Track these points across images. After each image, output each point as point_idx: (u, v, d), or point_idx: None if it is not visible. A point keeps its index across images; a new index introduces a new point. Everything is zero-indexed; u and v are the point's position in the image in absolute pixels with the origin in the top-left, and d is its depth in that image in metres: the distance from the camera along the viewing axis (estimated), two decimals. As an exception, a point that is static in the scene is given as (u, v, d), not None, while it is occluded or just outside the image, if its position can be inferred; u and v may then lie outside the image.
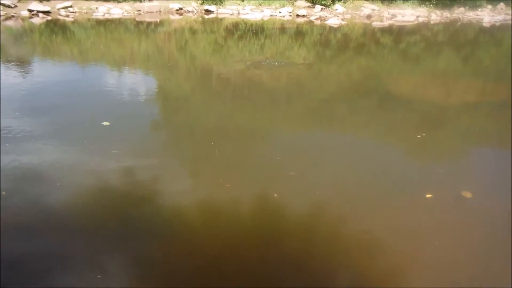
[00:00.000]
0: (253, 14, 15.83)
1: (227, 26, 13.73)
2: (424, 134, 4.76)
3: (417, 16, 17.16)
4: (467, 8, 18.69)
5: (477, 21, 17.54)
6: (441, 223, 3.09)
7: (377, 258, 2.72)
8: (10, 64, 7.57)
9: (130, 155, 3.97)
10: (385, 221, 3.09)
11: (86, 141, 4.23)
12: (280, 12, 16.38)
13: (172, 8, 15.35)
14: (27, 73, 7.02)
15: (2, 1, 12.72)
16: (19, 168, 3.68)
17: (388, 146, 4.63)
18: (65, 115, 5.03)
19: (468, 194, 3.43)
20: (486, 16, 18.09)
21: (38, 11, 12.95)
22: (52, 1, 13.95)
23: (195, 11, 15.73)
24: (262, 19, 15.33)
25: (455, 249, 2.82)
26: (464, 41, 13.65)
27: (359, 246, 2.82)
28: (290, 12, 16.50)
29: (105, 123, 4.67)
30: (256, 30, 13.03)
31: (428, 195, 3.38)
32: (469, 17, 18.06)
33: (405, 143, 4.69)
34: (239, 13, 15.95)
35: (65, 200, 3.24)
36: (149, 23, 13.41)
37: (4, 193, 3.25)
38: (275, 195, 3.36)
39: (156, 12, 15.00)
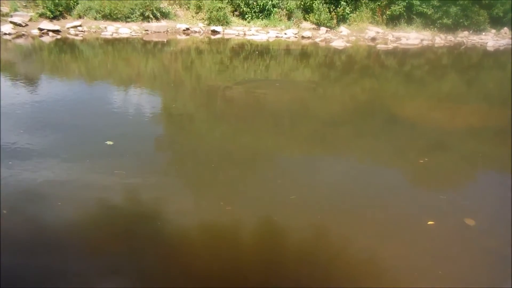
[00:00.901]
0: (259, 35, 16.04)
1: (232, 47, 13.92)
2: (426, 159, 4.76)
3: (422, 39, 17.31)
4: (471, 32, 18.86)
5: (481, 45, 17.66)
6: (444, 251, 3.07)
7: (378, 286, 2.70)
8: (18, 81, 7.69)
9: (132, 176, 4.00)
10: (387, 248, 3.08)
11: (88, 160, 4.26)
12: (285, 34, 16.59)
13: (179, 28, 15.59)
14: (34, 90, 7.13)
15: (13, 20, 12.98)
16: (21, 186, 3.71)
17: (390, 170, 4.64)
18: (69, 133, 5.08)
19: (471, 222, 3.41)
20: (490, 40, 18.22)
21: (48, 30, 13.19)
22: (62, 20, 14.23)
23: (201, 31, 15.97)
24: (267, 40, 15.53)
25: (459, 278, 2.80)
26: (468, 64, 13.73)
27: (359, 273, 2.80)
28: (296, 34, 16.71)
29: (108, 142, 4.72)
30: (261, 51, 13.20)
31: (430, 222, 3.37)
32: (473, 41, 18.19)
33: (407, 168, 4.69)
34: (245, 34, 16.17)
35: (65, 219, 3.26)
36: (156, 43, 13.62)
37: (5, 211, 3.27)
38: (275, 218, 3.36)
39: (164, 32, 15.24)
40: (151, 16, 15.36)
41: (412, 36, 17.36)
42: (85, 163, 4.21)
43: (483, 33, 19.07)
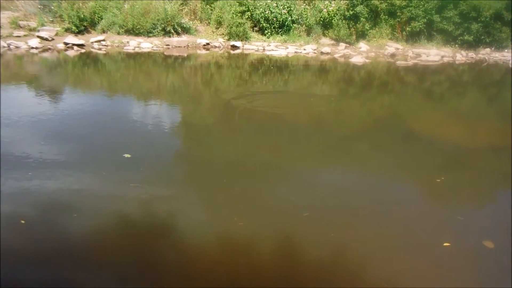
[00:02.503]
0: (278, 51, 16.18)
1: (252, 62, 14.06)
2: (443, 178, 4.69)
3: (442, 56, 17.17)
4: (493, 49, 18.62)
5: (503, 62, 17.41)
6: (460, 274, 3.00)
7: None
8: (42, 94, 7.93)
9: (148, 189, 4.05)
10: (402, 269, 3.03)
11: (104, 173, 4.34)
12: (304, 49, 16.68)
13: (199, 43, 15.85)
14: (57, 102, 7.33)
15: (40, 34, 13.43)
16: (38, 197, 3.79)
17: (407, 188, 4.58)
18: (88, 145, 5.19)
19: (490, 244, 3.32)
20: (513, 57, 17.94)
21: (73, 44, 13.58)
22: (87, 35, 14.65)
23: (221, 46, 16.19)
24: (286, 56, 15.64)
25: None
26: (490, 82, 13.53)
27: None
28: (315, 49, 16.79)
29: (126, 155, 4.80)
30: (280, 66, 13.30)
31: (446, 244, 3.30)
32: (495, 58, 17.95)
33: (424, 187, 4.62)
34: (264, 49, 16.33)
35: (79, 230, 3.33)
36: (176, 57, 13.87)
37: (23, 221, 3.36)
38: (287, 236, 3.36)
39: (184, 46, 15.51)
40: (172, 31, 15.67)
41: (432, 53, 17.24)
42: (102, 176, 4.29)
43: (505, 50, 18.79)
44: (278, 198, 4.09)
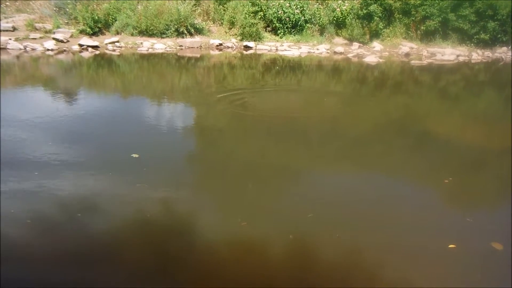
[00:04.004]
0: (291, 51, 16.13)
1: (265, 62, 14.03)
2: (454, 178, 4.61)
3: (457, 55, 16.93)
4: (509, 47, 18.28)
5: (520, 61, 17.10)
6: (465, 275, 2.94)
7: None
8: (56, 95, 8.02)
9: (154, 189, 4.05)
10: (406, 271, 2.98)
11: (111, 173, 4.34)
12: (317, 49, 16.61)
13: (212, 44, 15.88)
14: (69, 103, 7.41)
15: (55, 36, 13.60)
16: (44, 196, 3.81)
17: (417, 189, 4.51)
18: (97, 145, 5.22)
19: (499, 246, 3.25)
20: (531, 56, 17.61)
21: (88, 46, 13.73)
22: (101, 36, 14.79)
23: (234, 47, 16.20)
24: (299, 56, 15.59)
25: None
26: (507, 81, 13.29)
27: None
28: (328, 49, 16.70)
29: (134, 155, 4.81)
30: (293, 66, 13.26)
31: (451, 246, 3.23)
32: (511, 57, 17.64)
33: (435, 187, 4.53)
34: (277, 49, 16.29)
35: (82, 230, 3.34)
36: (190, 58, 13.92)
37: (29, 221, 3.38)
38: (291, 236, 3.32)
39: (197, 47, 15.56)
40: (185, 32, 15.73)
41: (447, 52, 17.01)
42: (108, 175, 4.30)
43: (523, 49, 18.46)
44: (284, 200, 4.07)
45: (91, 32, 14.61)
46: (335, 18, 17.48)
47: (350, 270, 3.02)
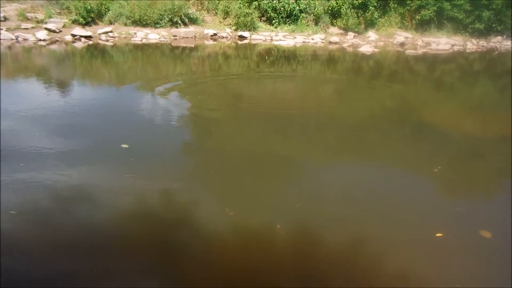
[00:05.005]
0: (286, 41, 16.05)
1: (259, 52, 13.96)
2: (444, 167, 4.61)
3: (452, 45, 16.94)
4: (504, 37, 18.31)
5: (515, 50, 17.13)
6: (453, 262, 2.96)
7: None
8: (49, 86, 7.94)
9: (141, 180, 4.01)
10: (397, 257, 3.00)
11: (98, 164, 4.29)
12: (312, 39, 16.54)
13: (206, 34, 15.78)
14: (61, 94, 7.32)
15: (48, 26, 13.44)
16: (28, 188, 3.77)
17: (407, 178, 4.49)
18: (87, 136, 5.13)
19: (487, 234, 3.26)
20: (525, 45, 17.65)
21: (81, 36, 13.58)
22: (94, 26, 14.63)
23: (229, 36, 16.11)
24: (294, 46, 15.52)
25: None
26: (501, 71, 13.32)
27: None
28: (323, 39, 16.65)
29: (124, 145, 4.77)
30: (288, 56, 13.21)
31: (438, 234, 3.24)
32: (506, 46, 17.66)
33: (426, 176, 4.51)
34: (272, 39, 16.21)
35: (68, 221, 3.32)
36: (184, 48, 13.82)
37: (13, 212, 3.35)
38: (278, 226, 3.31)
39: (191, 37, 15.45)
40: (179, 21, 15.61)
41: (442, 41, 17.01)
42: (95, 166, 4.25)
43: (517, 38, 18.49)
44: (273, 187, 4.05)
45: (84, 22, 14.46)
46: (330, 8, 17.41)
47: (333, 259, 3.01)
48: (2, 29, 12.78)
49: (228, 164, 4.60)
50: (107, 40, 13.92)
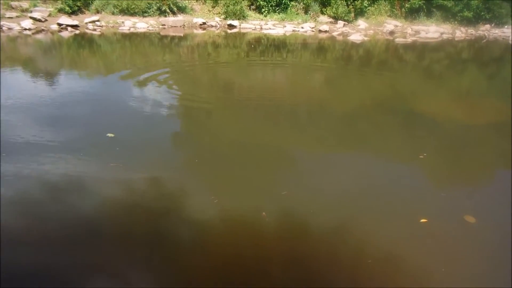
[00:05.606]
0: (276, 29, 15.96)
1: (249, 41, 13.87)
2: (430, 154, 4.64)
3: (441, 33, 16.98)
4: (493, 25, 18.41)
5: (503, 38, 17.24)
6: (437, 247, 3.00)
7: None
8: (35, 76, 7.80)
9: (127, 169, 3.98)
10: (382, 243, 3.03)
11: (81, 154, 4.25)
12: (302, 28, 16.47)
13: (195, 23, 15.61)
14: (48, 84, 7.21)
15: (33, 15, 13.18)
16: (9, 179, 3.72)
17: (393, 165, 4.52)
18: (72, 126, 5.09)
19: (471, 219, 3.31)
20: (513, 33, 17.77)
21: (67, 25, 13.35)
22: (81, 15, 14.39)
23: (218, 25, 15.96)
24: (284, 34, 15.44)
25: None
26: (490, 59, 13.41)
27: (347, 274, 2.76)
28: (313, 28, 16.57)
29: (110, 134, 4.73)
30: (278, 45, 13.14)
31: (423, 220, 3.28)
32: (495, 35, 17.77)
33: (411, 163, 4.54)
34: (261, 28, 16.10)
35: (50, 211, 3.28)
36: (173, 37, 13.67)
37: None
38: (264, 213, 3.32)
39: (180, 26, 15.28)
40: (168, 10, 15.43)
41: (431, 30, 17.05)
42: (79, 155, 4.21)
43: (505, 27, 18.59)
44: (258, 175, 4.05)
45: (70, 11, 14.21)
46: (319, -4, 17.31)
47: (319, 244, 3.03)
48: (-14, 18, 12.50)
49: (215, 153, 4.58)
50: (94, 30, 13.71)
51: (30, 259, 2.76)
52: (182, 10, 16.02)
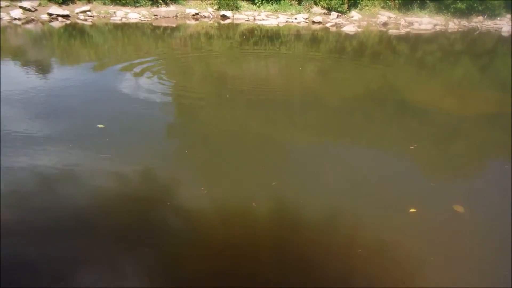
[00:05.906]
0: (269, 20, 15.88)
1: (242, 32, 13.79)
2: (420, 144, 4.67)
3: (434, 25, 17.00)
4: (485, 17, 18.46)
5: (495, 30, 17.31)
6: (426, 236, 3.03)
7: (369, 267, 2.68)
8: (27, 67, 7.71)
9: (116, 159, 3.96)
10: (372, 233, 3.05)
11: (71, 145, 4.21)
12: (295, 19, 16.40)
13: (188, 13, 15.49)
14: (40, 76, 7.12)
15: (22, 5, 12.99)
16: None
17: (383, 155, 4.53)
18: (63, 117, 5.03)
19: (460, 209, 3.34)
20: (505, 25, 17.82)
21: (58, 15, 13.19)
22: (71, 5, 14.21)
23: (211, 16, 15.85)
24: (277, 25, 15.37)
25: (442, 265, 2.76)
26: (482, 50, 13.46)
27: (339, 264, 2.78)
28: (306, 19, 16.52)
29: (100, 125, 4.70)
30: (271, 36, 13.09)
31: (412, 210, 3.30)
32: (487, 26, 17.83)
33: (402, 153, 4.56)
34: (255, 19, 16.02)
35: (44, 204, 3.26)
36: (165, 28, 13.55)
37: None
38: (254, 204, 3.32)
39: (173, 17, 15.15)
40: (160, 0, 15.28)
41: (424, 21, 17.06)
42: (68, 146, 4.18)
43: (498, 18, 18.66)
44: (248, 166, 4.05)
45: (61, 0, 14.01)
46: (313, -13, 17.22)
47: (310, 233, 3.04)
48: (-26, 7, 12.31)
49: (206, 143, 4.57)
50: (86, 20, 13.56)
51: (18, 250, 2.74)
52: (174, 0, 15.87)
